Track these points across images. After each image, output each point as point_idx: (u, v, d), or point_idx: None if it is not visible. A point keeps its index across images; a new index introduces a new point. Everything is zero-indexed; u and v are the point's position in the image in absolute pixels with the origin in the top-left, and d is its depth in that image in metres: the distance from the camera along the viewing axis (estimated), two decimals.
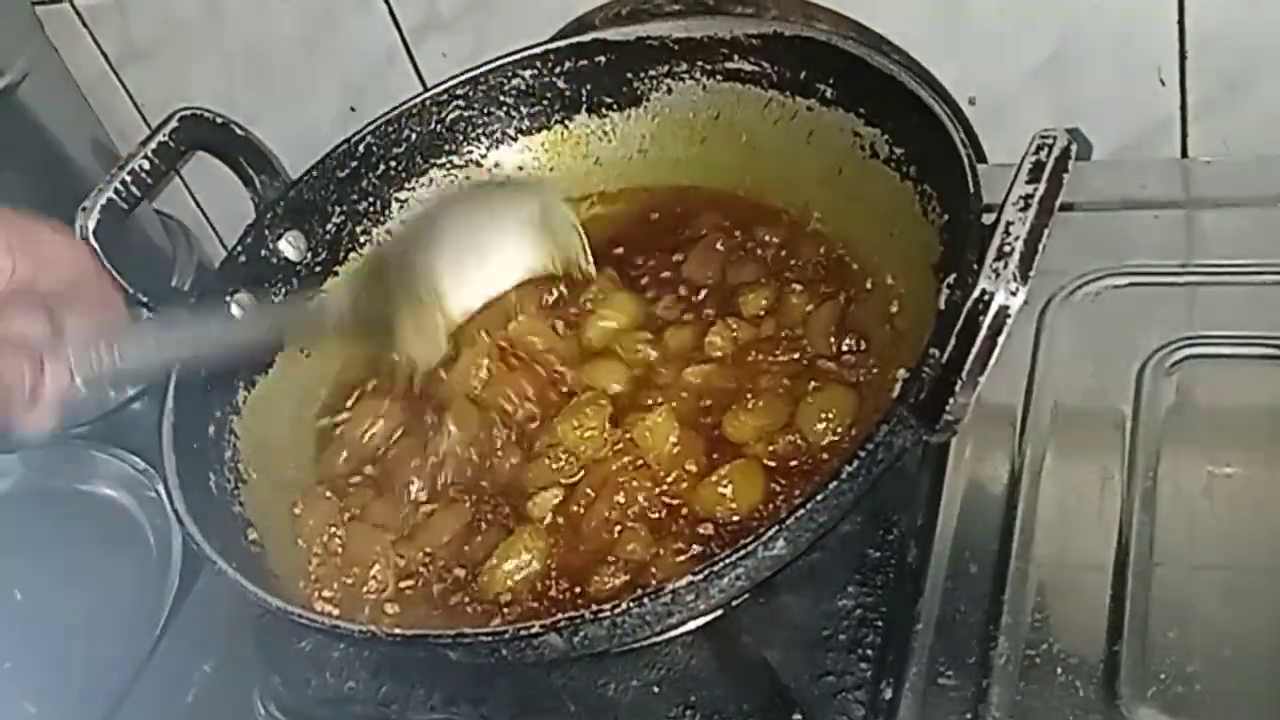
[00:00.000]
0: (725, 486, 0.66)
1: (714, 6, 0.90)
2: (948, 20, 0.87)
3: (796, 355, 0.72)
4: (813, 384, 0.70)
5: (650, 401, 0.71)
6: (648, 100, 0.86)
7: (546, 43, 0.89)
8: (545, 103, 0.88)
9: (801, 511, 0.55)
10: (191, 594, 0.84)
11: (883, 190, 0.74)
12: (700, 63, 0.83)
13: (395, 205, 0.88)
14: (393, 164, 0.87)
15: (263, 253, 0.82)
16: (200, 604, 0.82)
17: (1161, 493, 0.66)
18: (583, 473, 0.70)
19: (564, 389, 0.74)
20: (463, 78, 0.87)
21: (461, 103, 0.87)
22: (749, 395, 0.70)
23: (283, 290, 0.83)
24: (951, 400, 0.55)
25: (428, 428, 0.75)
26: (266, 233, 0.82)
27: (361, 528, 0.72)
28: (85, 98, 1.11)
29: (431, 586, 0.69)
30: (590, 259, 0.75)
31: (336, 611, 0.68)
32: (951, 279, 0.62)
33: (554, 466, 0.70)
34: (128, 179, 0.76)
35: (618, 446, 0.70)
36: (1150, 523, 0.65)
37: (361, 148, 0.86)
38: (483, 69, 0.87)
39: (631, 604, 0.55)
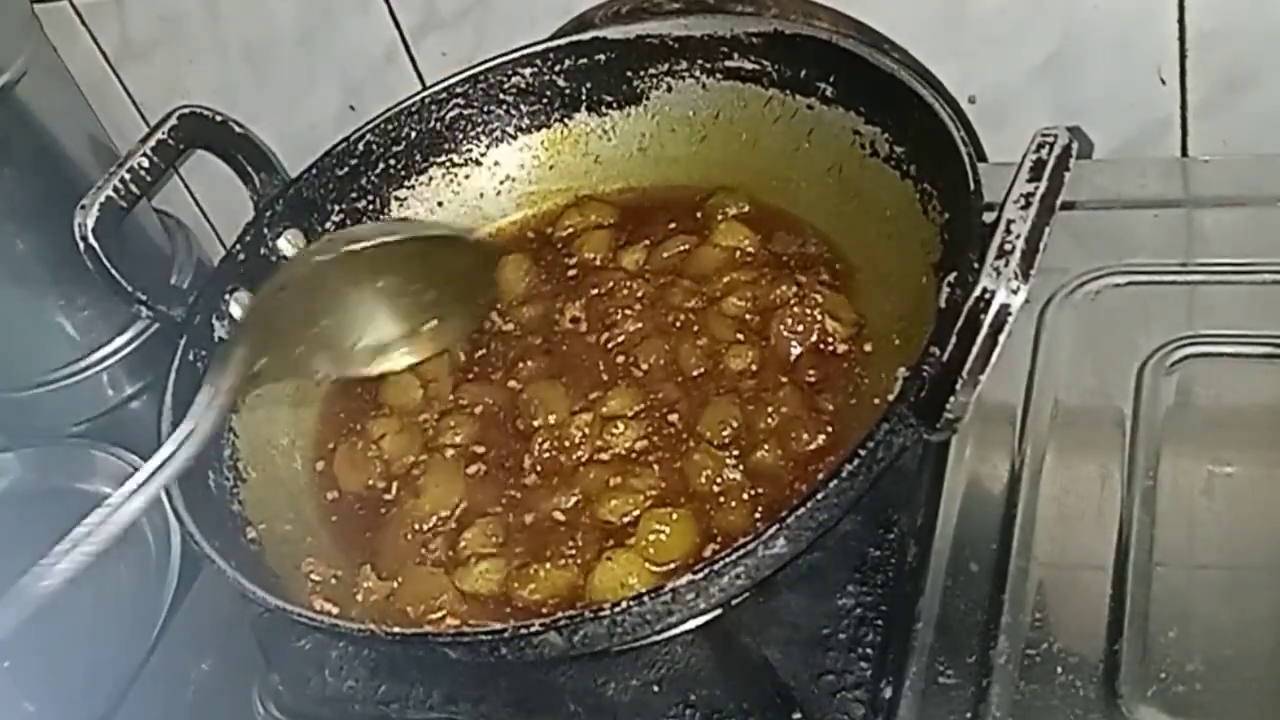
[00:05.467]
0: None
1: (714, 5, 0.89)
2: (948, 18, 0.87)
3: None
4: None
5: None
6: (648, 98, 0.86)
7: (546, 41, 0.89)
8: (545, 101, 0.88)
9: (801, 510, 0.55)
10: (190, 593, 0.84)
11: (883, 189, 0.74)
12: (700, 61, 0.83)
13: (395, 203, 0.88)
14: (392, 162, 0.87)
15: (262, 251, 0.82)
16: (199, 603, 0.82)
17: (1161, 492, 0.66)
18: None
19: None
20: (462, 76, 0.87)
21: (461, 101, 0.87)
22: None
23: None
24: (952, 399, 0.55)
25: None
26: (266, 231, 0.82)
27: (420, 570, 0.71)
28: (84, 96, 1.11)
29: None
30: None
31: (336, 610, 0.68)
32: (952, 277, 0.62)
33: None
34: (127, 177, 0.76)
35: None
36: (1150, 522, 0.65)
37: (361, 146, 0.86)
38: (482, 67, 0.87)
39: (631, 602, 0.55)
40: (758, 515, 0.66)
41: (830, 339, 0.73)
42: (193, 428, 0.63)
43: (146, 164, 0.77)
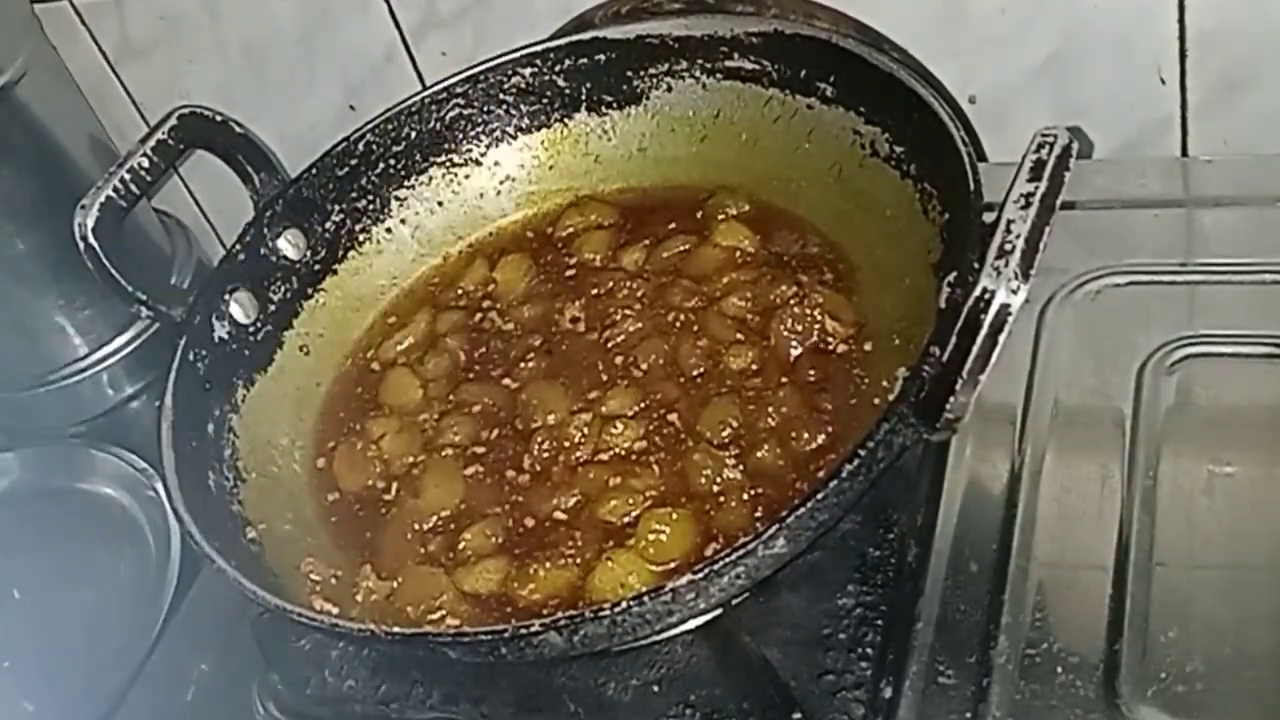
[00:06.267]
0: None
1: (714, 5, 0.89)
2: (948, 18, 0.87)
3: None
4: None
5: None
6: (648, 98, 0.86)
7: (546, 41, 0.89)
8: (545, 101, 0.88)
9: (802, 510, 0.55)
10: (190, 592, 0.84)
11: (883, 189, 0.74)
12: (700, 61, 0.83)
13: (395, 203, 0.88)
14: (392, 162, 0.87)
15: (262, 251, 0.82)
16: (199, 602, 0.82)
17: (1161, 492, 0.66)
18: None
19: None
20: (462, 76, 0.87)
21: (461, 101, 0.87)
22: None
23: (282, 288, 0.83)
24: (952, 399, 0.55)
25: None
26: (266, 231, 0.82)
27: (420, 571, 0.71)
28: (84, 96, 1.11)
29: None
30: None
31: (336, 610, 0.68)
32: (952, 277, 0.62)
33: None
34: (126, 177, 0.76)
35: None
36: (1150, 522, 0.65)
37: (361, 146, 0.86)
38: (482, 67, 0.87)
39: (631, 602, 0.55)
40: (758, 515, 0.66)
41: (830, 339, 0.73)
42: None
43: (146, 164, 0.77)
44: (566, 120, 0.88)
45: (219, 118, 0.81)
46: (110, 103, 1.14)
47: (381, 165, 0.87)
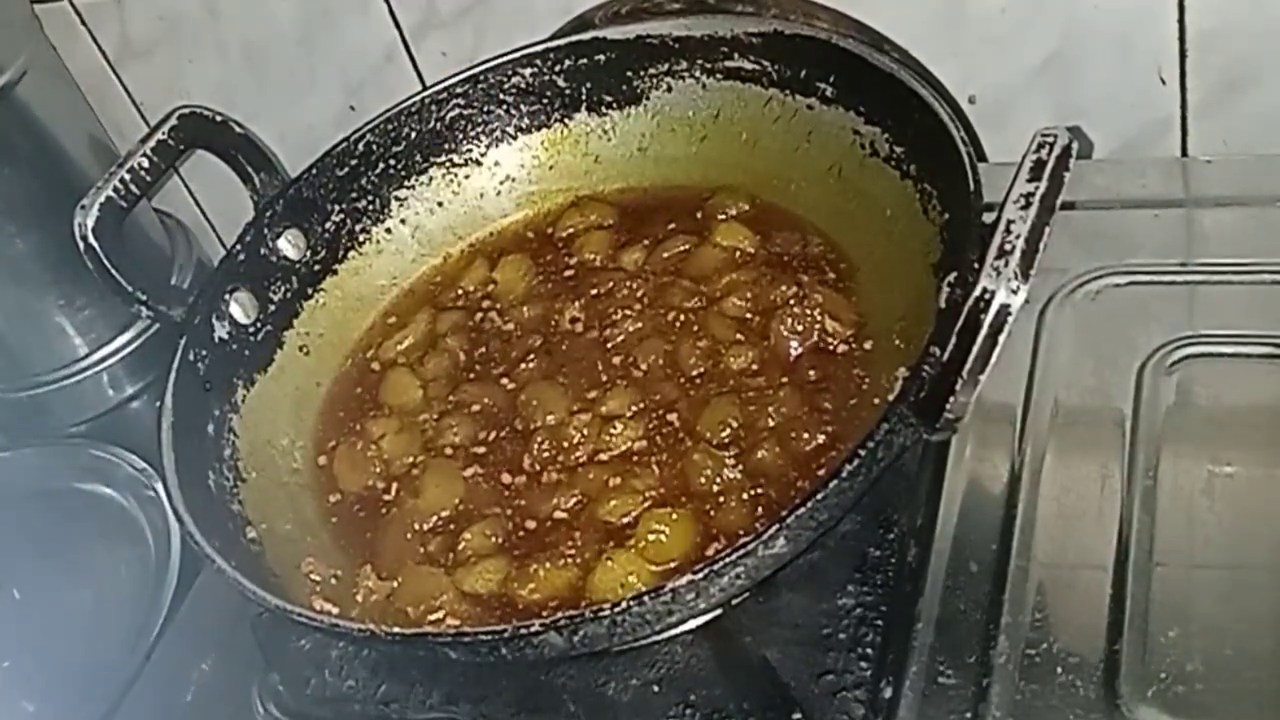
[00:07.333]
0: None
1: (714, 5, 0.90)
2: (948, 18, 0.87)
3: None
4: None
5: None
6: (648, 99, 0.86)
7: (546, 41, 0.89)
8: (545, 101, 0.88)
9: (801, 510, 0.55)
10: (190, 593, 0.84)
11: (883, 189, 0.74)
12: (700, 61, 0.83)
13: (395, 204, 0.88)
14: (392, 162, 0.87)
15: (262, 251, 0.82)
16: (199, 602, 0.82)
17: (1161, 492, 0.66)
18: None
19: None
20: (462, 76, 0.87)
21: (461, 101, 0.87)
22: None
23: (282, 288, 0.83)
24: (952, 399, 0.55)
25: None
26: (266, 231, 0.82)
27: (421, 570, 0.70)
28: (84, 96, 1.11)
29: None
30: None
31: (336, 610, 0.68)
32: (952, 277, 0.62)
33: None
34: (126, 177, 0.76)
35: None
36: (1150, 522, 0.65)
37: (361, 146, 0.86)
38: (482, 67, 0.87)
39: (631, 602, 0.55)
40: (758, 515, 0.66)
41: (830, 339, 0.73)
42: None
43: (146, 164, 0.77)
44: (566, 120, 0.88)
45: (219, 118, 0.81)
46: (110, 103, 1.14)
47: (381, 165, 0.87)
